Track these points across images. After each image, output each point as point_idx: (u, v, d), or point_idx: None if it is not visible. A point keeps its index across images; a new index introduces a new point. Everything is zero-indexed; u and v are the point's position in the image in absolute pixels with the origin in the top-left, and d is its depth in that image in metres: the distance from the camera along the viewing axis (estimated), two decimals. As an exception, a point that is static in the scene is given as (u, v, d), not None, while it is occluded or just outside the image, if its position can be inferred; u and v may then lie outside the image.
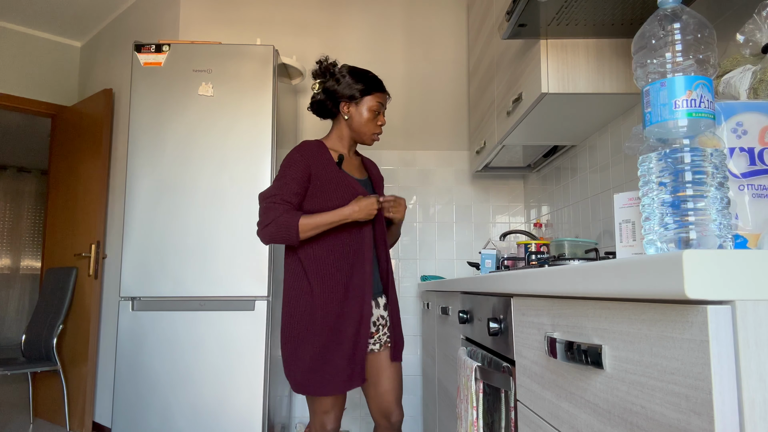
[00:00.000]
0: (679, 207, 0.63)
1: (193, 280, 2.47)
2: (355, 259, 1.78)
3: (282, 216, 1.69)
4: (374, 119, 1.86)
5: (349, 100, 1.84)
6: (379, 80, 1.88)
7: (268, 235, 1.70)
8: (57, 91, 4.07)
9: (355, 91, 1.83)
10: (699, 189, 0.63)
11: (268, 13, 3.26)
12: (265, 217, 1.71)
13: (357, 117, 1.85)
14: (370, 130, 1.86)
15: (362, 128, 1.86)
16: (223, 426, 2.40)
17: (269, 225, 1.70)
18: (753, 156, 0.69)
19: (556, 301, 0.81)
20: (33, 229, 6.97)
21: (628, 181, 1.89)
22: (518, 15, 1.54)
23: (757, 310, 0.46)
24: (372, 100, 1.84)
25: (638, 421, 0.57)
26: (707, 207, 0.62)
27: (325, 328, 1.72)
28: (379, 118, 1.87)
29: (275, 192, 1.74)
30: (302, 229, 1.69)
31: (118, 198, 3.49)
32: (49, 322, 3.56)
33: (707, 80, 0.66)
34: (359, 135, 1.87)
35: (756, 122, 0.70)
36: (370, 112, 1.84)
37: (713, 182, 0.63)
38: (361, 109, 1.84)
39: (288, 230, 1.69)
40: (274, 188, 1.75)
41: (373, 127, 1.86)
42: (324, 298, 1.74)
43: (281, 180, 1.76)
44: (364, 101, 1.84)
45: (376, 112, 1.85)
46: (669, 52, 0.67)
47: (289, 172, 1.76)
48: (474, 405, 1.25)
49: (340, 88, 1.84)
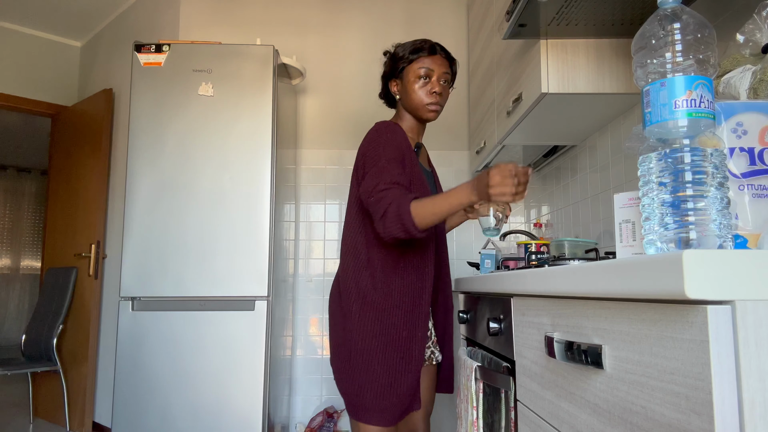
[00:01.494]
0: (679, 207, 0.63)
1: (193, 280, 2.47)
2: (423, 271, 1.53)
3: (392, 203, 1.36)
4: (423, 86, 1.57)
5: (394, 77, 1.64)
6: (424, 43, 1.60)
7: (386, 229, 1.37)
8: (57, 91, 4.07)
9: (396, 63, 1.61)
10: (699, 189, 0.63)
11: (268, 13, 3.26)
12: (377, 210, 1.39)
13: (403, 92, 1.61)
14: (420, 100, 1.58)
15: (412, 102, 1.59)
16: (223, 426, 2.40)
17: (383, 216, 1.37)
18: (753, 156, 0.69)
19: (556, 301, 0.81)
20: (33, 229, 6.97)
21: (628, 181, 1.89)
22: (518, 15, 1.54)
23: (757, 310, 0.46)
24: (415, 66, 1.58)
25: (638, 421, 0.57)
26: (707, 207, 0.62)
27: (398, 350, 1.46)
28: (432, 83, 1.57)
29: (377, 180, 1.42)
30: (418, 215, 1.33)
31: (118, 198, 3.49)
32: (49, 322, 3.56)
33: (707, 80, 0.66)
34: (414, 111, 1.61)
35: (756, 122, 0.70)
36: (415, 80, 1.57)
37: (713, 182, 0.63)
38: (406, 80, 1.60)
39: (401, 220, 1.34)
40: (373, 178, 1.43)
41: (423, 95, 1.57)
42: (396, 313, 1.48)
43: (377, 165, 1.44)
44: (407, 71, 1.60)
45: (423, 77, 1.57)
46: (669, 52, 0.67)
47: (384, 153, 1.46)
48: (474, 405, 1.25)
49: (386, 68, 1.66)
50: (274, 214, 2.55)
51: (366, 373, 1.44)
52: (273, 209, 2.54)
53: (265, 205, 2.52)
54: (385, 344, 1.45)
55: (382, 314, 1.47)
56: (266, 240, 2.50)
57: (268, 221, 2.51)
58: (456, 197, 1.32)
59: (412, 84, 1.57)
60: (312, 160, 3.19)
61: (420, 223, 1.33)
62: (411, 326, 1.48)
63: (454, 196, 1.32)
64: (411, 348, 1.47)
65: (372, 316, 1.47)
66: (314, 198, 3.16)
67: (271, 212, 2.52)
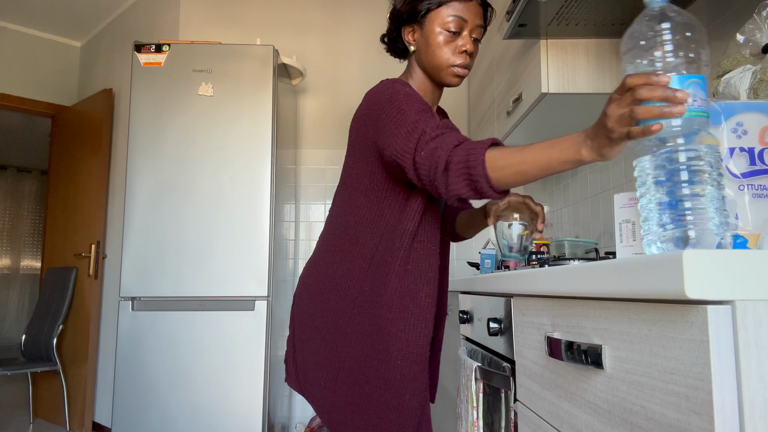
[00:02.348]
0: (677, 206, 0.63)
1: (192, 280, 2.47)
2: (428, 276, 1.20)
3: (458, 147, 0.97)
4: (450, 41, 1.18)
5: (412, 21, 1.22)
6: None
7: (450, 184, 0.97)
8: (57, 91, 4.07)
9: (417, 3, 1.20)
10: (695, 188, 0.62)
11: (268, 13, 3.26)
12: (434, 161, 0.98)
13: (423, 45, 1.21)
14: (445, 59, 1.19)
15: (434, 60, 1.19)
16: (223, 426, 2.40)
17: (447, 169, 0.97)
18: (753, 156, 0.69)
19: (556, 301, 0.81)
20: (33, 229, 6.97)
21: (628, 181, 1.89)
22: (518, 15, 1.54)
23: (757, 310, 0.46)
24: (443, 13, 1.17)
25: (638, 421, 0.57)
26: (705, 205, 0.62)
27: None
28: (463, 39, 1.18)
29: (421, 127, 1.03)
30: (497, 168, 0.92)
31: (118, 198, 3.49)
32: (49, 322, 3.56)
33: (700, 78, 0.65)
34: (435, 71, 1.22)
35: (756, 122, 0.70)
36: (441, 31, 1.18)
37: (709, 180, 0.63)
38: (429, 30, 1.19)
39: (470, 170, 0.94)
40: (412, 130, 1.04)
41: (449, 53, 1.18)
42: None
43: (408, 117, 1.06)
44: (431, 18, 1.19)
45: (452, 31, 1.17)
46: (659, 51, 0.66)
47: (411, 106, 1.09)
48: (474, 405, 1.25)
49: (400, 6, 1.24)
50: (274, 214, 2.55)
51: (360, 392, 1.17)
52: (273, 209, 2.54)
53: (265, 205, 2.52)
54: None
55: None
56: (266, 240, 2.50)
57: (268, 221, 2.51)
58: (558, 149, 0.85)
59: (436, 36, 1.18)
60: (312, 160, 3.19)
61: (498, 179, 0.92)
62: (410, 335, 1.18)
63: (555, 146, 0.86)
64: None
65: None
66: (314, 198, 3.16)
67: (271, 212, 2.52)
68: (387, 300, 1.15)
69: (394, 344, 1.14)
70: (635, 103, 0.68)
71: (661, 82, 0.66)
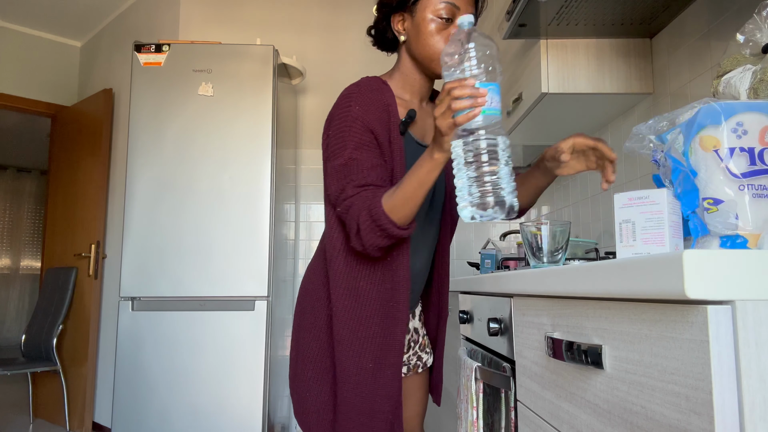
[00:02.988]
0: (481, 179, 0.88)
1: (192, 280, 2.47)
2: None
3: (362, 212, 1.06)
4: (442, 30, 1.16)
5: (401, 11, 1.20)
6: None
7: (367, 243, 1.08)
8: (57, 91, 4.07)
9: None
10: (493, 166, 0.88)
11: (268, 13, 3.26)
12: (349, 224, 1.10)
13: (415, 33, 1.18)
14: (437, 48, 1.16)
15: (426, 49, 1.17)
16: (223, 426, 2.40)
17: (359, 232, 1.08)
18: (753, 156, 0.69)
19: (556, 301, 0.81)
20: (33, 229, 6.97)
21: (628, 181, 1.89)
22: (518, 15, 1.54)
23: (757, 310, 0.46)
24: (435, 0, 1.15)
25: (638, 421, 0.57)
26: (500, 178, 0.88)
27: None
28: (454, 28, 1.16)
29: (343, 183, 1.10)
30: (393, 210, 1.04)
31: (118, 198, 3.49)
32: (49, 322, 3.56)
33: (495, 85, 0.90)
34: (427, 61, 1.19)
35: (756, 122, 0.70)
36: (432, 20, 1.15)
37: (502, 161, 0.89)
38: (420, 18, 1.17)
39: (377, 226, 1.05)
40: (338, 180, 1.11)
41: (441, 42, 1.16)
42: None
43: (340, 157, 1.11)
44: (422, 7, 1.16)
45: (444, 18, 1.15)
46: (467, 63, 0.90)
47: (350, 138, 1.12)
48: (474, 405, 1.25)
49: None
50: (274, 214, 2.55)
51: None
52: (273, 209, 2.54)
53: (265, 205, 2.52)
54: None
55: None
56: (266, 240, 2.49)
57: (268, 221, 2.51)
58: (420, 167, 1.01)
59: (428, 24, 1.16)
60: (312, 160, 3.19)
61: (400, 219, 1.04)
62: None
63: (417, 166, 1.01)
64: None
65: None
66: (314, 198, 3.16)
67: (271, 212, 2.52)
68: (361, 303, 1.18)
69: (367, 348, 1.17)
70: (451, 100, 0.90)
71: (468, 84, 0.89)
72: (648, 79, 1.72)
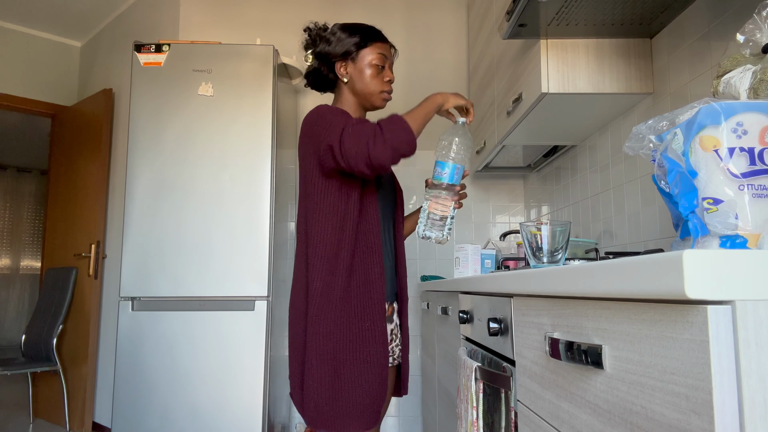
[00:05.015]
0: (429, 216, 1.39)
1: (192, 280, 2.47)
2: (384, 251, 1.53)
3: (378, 122, 1.34)
4: (379, 74, 1.54)
5: (344, 59, 1.55)
6: (376, 30, 1.58)
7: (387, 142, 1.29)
8: (57, 91, 4.07)
9: (349, 46, 1.53)
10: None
11: (268, 13, 3.26)
12: (362, 134, 1.31)
13: (358, 76, 1.54)
14: (376, 88, 1.54)
15: (367, 88, 1.54)
16: (223, 426, 2.40)
17: (376, 135, 1.30)
18: (753, 156, 0.69)
19: (556, 301, 0.81)
20: (33, 229, 6.97)
21: (629, 181, 1.89)
22: (518, 15, 1.54)
23: (757, 310, 0.46)
24: (371, 52, 1.53)
25: (638, 421, 0.57)
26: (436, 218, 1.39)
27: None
28: (385, 72, 1.55)
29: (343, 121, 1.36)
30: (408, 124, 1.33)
31: (118, 198, 3.49)
32: (49, 322, 3.56)
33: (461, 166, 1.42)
34: (366, 98, 1.55)
35: (756, 122, 0.70)
36: (371, 67, 1.53)
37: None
38: (360, 65, 1.53)
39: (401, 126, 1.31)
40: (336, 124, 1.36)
41: (379, 83, 1.54)
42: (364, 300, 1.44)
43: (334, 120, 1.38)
44: (361, 56, 1.53)
45: (379, 66, 1.54)
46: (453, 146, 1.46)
47: (336, 116, 1.40)
48: (474, 405, 1.25)
49: (332, 48, 1.55)
50: (274, 214, 2.55)
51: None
52: (273, 209, 2.54)
53: (265, 205, 2.52)
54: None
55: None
56: (266, 240, 2.50)
57: (268, 221, 2.51)
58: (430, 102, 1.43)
59: (369, 70, 1.53)
60: (312, 160, 3.18)
61: (416, 127, 1.37)
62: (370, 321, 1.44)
63: (425, 104, 1.43)
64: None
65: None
66: (314, 198, 3.16)
67: (271, 212, 2.53)
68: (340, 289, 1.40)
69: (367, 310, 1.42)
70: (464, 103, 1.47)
71: (471, 104, 1.49)
72: (648, 79, 1.72)
